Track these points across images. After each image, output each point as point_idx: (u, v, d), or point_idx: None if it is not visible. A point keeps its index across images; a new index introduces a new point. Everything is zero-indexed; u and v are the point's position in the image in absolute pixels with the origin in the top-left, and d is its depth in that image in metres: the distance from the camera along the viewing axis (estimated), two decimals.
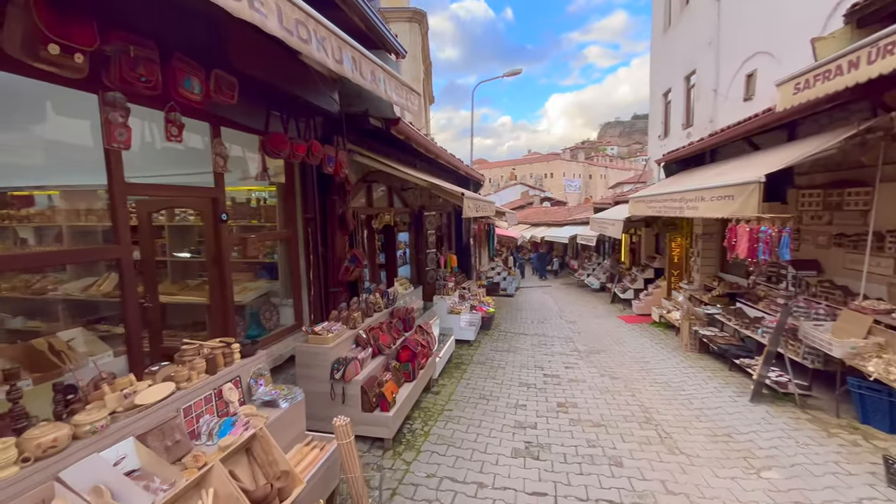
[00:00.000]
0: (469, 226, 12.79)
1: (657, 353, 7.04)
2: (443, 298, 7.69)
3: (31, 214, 4.11)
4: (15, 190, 4.06)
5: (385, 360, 4.07)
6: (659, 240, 13.06)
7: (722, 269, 8.82)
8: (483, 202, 6.72)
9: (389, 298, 4.86)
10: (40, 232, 4.22)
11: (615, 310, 12.15)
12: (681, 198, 6.38)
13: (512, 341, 8.10)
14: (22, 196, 4.07)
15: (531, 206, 40.33)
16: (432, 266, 8.75)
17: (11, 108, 2.69)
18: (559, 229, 22.14)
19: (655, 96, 13.05)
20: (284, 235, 4.52)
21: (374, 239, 6.59)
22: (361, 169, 5.96)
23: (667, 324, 9.19)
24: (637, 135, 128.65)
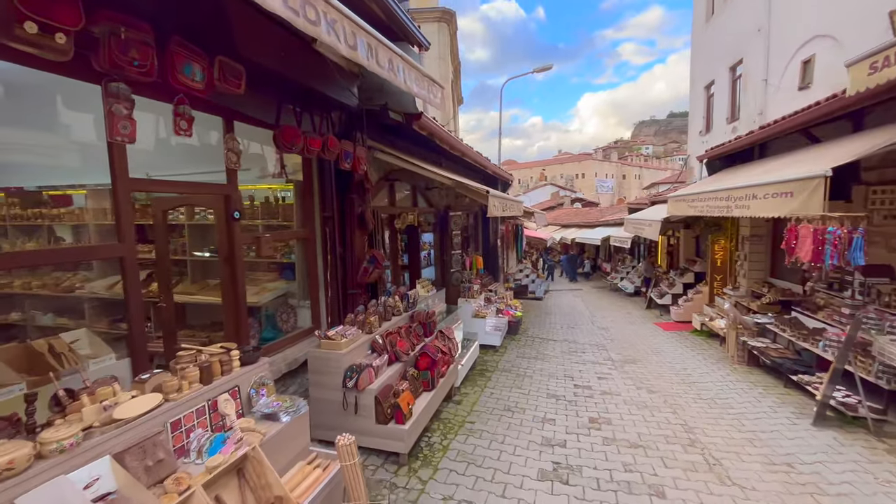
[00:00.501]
0: (496, 226, 12.45)
1: (700, 365, 6.47)
2: (467, 302, 7.40)
3: (40, 213, 4.15)
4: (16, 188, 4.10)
5: (402, 368, 3.82)
6: (699, 242, 12.26)
7: (772, 274, 8.09)
8: (510, 201, 6.40)
9: (409, 301, 4.62)
10: (56, 230, 4.24)
11: (651, 316, 11.48)
12: (728, 196, 5.83)
13: (540, 348, 7.70)
14: (27, 193, 4.11)
15: (561, 207, 39.38)
16: (457, 268, 8.47)
17: (15, 102, 2.63)
18: (591, 231, 21.37)
19: (696, 90, 12.28)
20: (302, 235, 4.37)
21: (396, 239, 6.39)
22: (383, 167, 5.76)
23: (709, 332, 8.52)
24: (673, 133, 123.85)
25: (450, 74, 21.77)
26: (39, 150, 3.25)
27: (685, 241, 12.39)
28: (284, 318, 4.36)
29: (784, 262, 7.82)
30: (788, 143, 6.89)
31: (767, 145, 7.82)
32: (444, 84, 15.25)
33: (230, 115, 3.35)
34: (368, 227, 4.63)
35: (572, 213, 33.60)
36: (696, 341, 8.17)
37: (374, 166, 5.58)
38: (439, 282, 8.57)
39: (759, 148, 7.99)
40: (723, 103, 10.41)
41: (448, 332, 4.76)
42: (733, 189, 5.66)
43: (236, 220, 3.45)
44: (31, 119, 2.91)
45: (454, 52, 22.82)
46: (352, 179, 4.57)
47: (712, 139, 10.70)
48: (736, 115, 9.87)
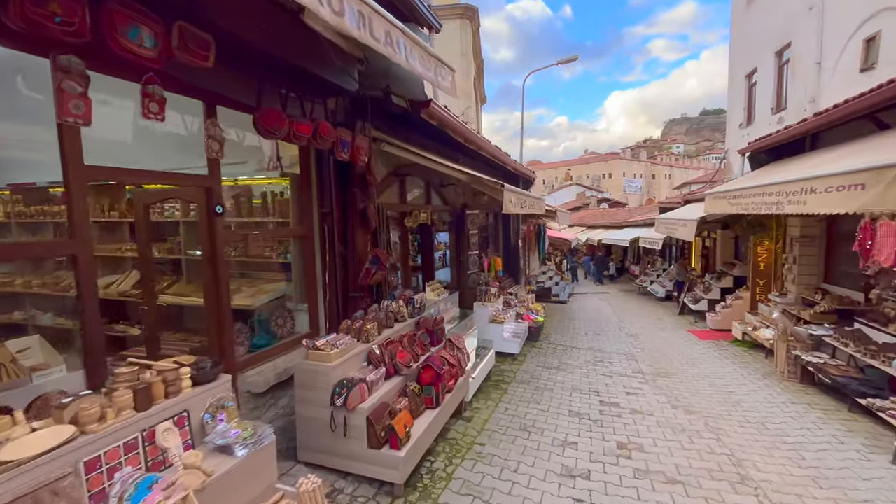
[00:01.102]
0: (517, 227, 11.90)
1: (744, 380, 5.77)
2: (484, 306, 6.92)
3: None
4: None
5: (402, 383, 3.39)
6: (738, 244, 11.36)
7: (826, 280, 7.26)
8: (529, 198, 5.88)
9: (415, 306, 4.19)
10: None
11: (684, 322, 10.68)
12: (779, 191, 5.13)
13: (562, 356, 7.14)
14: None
15: (587, 207, 38.28)
16: (474, 269, 8.00)
17: None
18: (618, 231, 20.45)
19: (736, 79, 11.38)
20: (298, 232, 4.01)
21: (407, 239, 5.99)
22: (392, 161, 5.37)
23: (752, 343, 7.73)
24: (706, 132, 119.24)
25: (472, 72, 21.32)
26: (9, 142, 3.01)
27: (723, 242, 11.50)
28: (280, 322, 4.01)
29: (841, 266, 7.00)
30: (849, 131, 6.09)
31: (820, 136, 7.01)
32: (465, 82, 14.63)
33: (211, 99, 3.01)
34: (371, 224, 4.24)
35: (598, 213, 32.52)
36: (737, 352, 7.41)
37: (381, 160, 5.20)
38: (455, 284, 8.12)
39: (810, 139, 7.19)
40: (767, 92, 9.53)
41: (458, 340, 4.31)
42: (786, 183, 4.97)
43: (219, 216, 3.11)
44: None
45: (477, 50, 22.34)
46: (353, 172, 4.18)
47: (754, 132, 9.83)
48: (782, 105, 8.99)
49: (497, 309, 7.38)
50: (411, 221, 5.95)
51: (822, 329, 5.58)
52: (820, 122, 6.09)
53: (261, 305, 4.01)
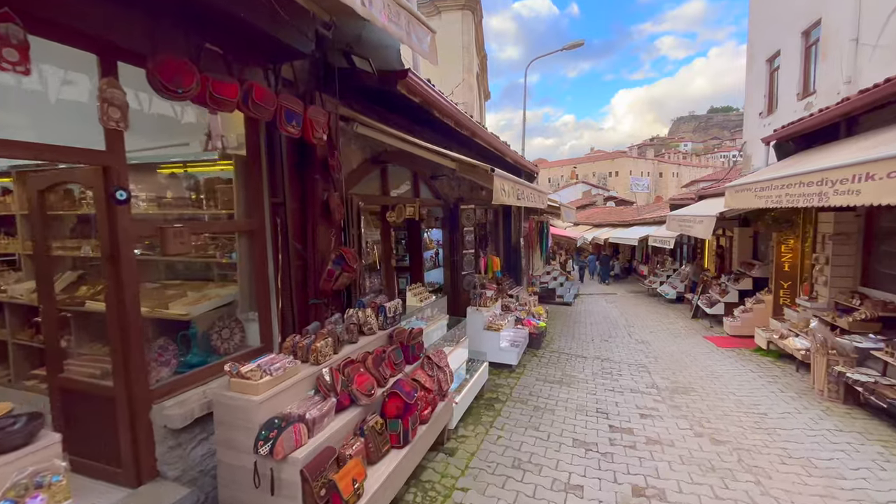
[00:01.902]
0: (519, 224, 11.16)
1: (776, 399, 5.00)
2: (478, 311, 6.19)
3: None
4: None
5: (360, 416, 2.68)
6: (757, 242, 10.53)
7: (864, 283, 6.45)
8: (528, 189, 5.15)
9: (387, 316, 3.48)
10: None
11: (699, 327, 9.89)
12: (822, 179, 4.36)
13: (566, 367, 6.40)
14: None
15: (594, 205, 37.45)
16: (469, 270, 7.28)
17: None
18: (626, 230, 19.62)
19: (756, 65, 10.55)
20: (244, 227, 3.31)
21: (389, 236, 5.28)
22: (371, 146, 4.68)
23: (778, 353, 6.95)
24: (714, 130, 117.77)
25: (475, 66, 20.59)
26: None
27: (740, 240, 10.67)
28: (226, 335, 3.32)
29: (882, 267, 6.19)
30: (893, 113, 5.32)
31: (859, 121, 6.21)
32: (468, 76, 13.74)
33: (108, 52, 2.32)
34: (335, 217, 3.53)
35: (605, 211, 31.68)
36: (762, 364, 6.62)
37: (355, 144, 4.51)
38: (448, 286, 7.40)
39: (845, 125, 6.39)
40: (792, 76, 8.71)
41: (439, 357, 3.59)
42: (831, 170, 4.20)
43: (121, 203, 2.41)
44: None
45: (479, 43, 21.59)
46: (313, 156, 3.48)
47: (777, 120, 9.02)
48: (810, 89, 8.18)
49: (494, 314, 6.65)
50: (395, 216, 5.24)
51: (869, 341, 4.80)
52: (866, 100, 5.31)
53: (201, 315, 3.32)
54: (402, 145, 4.36)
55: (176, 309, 3.27)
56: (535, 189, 5.70)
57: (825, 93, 7.35)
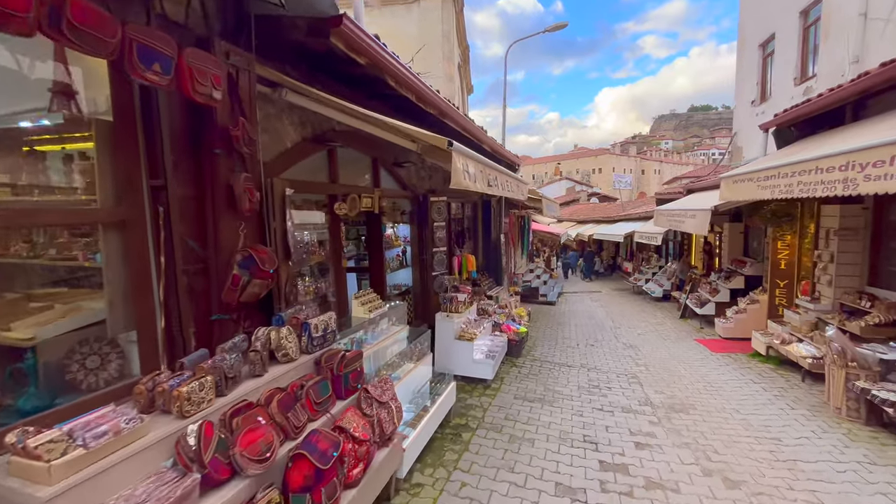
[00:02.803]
0: (500, 220, 10.39)
1: (788, 419, 4.34)
2: (448, 318, 5.39)
3: None
4: None
5: (247, 493, 1.85)
6: (748, 238, 10.00)
7: (871, 282, 5.88)
8: (503, 175, 4.36)
9: (312, 336, 2.63)
10: None
11: (688, 328, 9.31)
12: (848, 163, 3.69)
13: (548, 380, 5.65)
14: None
15: (577, 202, 37.14)
16: (441, 270, 6.47)
17: None
18: (610, 226, 19.13)
19: (747, 52, 9.99)
20: (111, 217, 2.42)
21: (338, 232, 4.42)
22: (314, 123, 3.83)
23: (779, 359, 6.35)
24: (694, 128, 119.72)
25: (456, 57, 19.73)
26: None
27: (730, 236, 10.12)
28: (93, 364, 2.43)
29: (892, 266, 5.62)
30: None
31: (867, 104, 5.63)
32: (450, 62, 12.65)
33: None
34: (243, 206, 2.67)
35: (589, 208, 31.32)
36: (763, 372, 6.00)
37: (291, 118, 3.65)
38: (417, 289, 6.58)
39: (853, 107, 5.79)
40: (788, 60, 8.13)
41: (382, 388, 2.76)
42: (862, 150, 3.52)
43: None
44: None
45: (461, 34, 20.72)
46: (212, 125, 2.61)
47: (771, 108, 8.45)
48: (809, 72, 7.60)
49: (467, 321, 5.86)
50: (346, 209, 4.39)
51: (894, 351, 4.16)
52: (881, 77, 4.67)
53: (51, 339, 2.42)
54: (345, 118, 3.52)
55: (18, 332, 2.37)
56: (511, 176, 4.91)
57: (827, 75, 6.76)
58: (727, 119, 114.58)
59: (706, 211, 7.20)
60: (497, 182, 3.97)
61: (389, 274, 6.02)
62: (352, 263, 5.91)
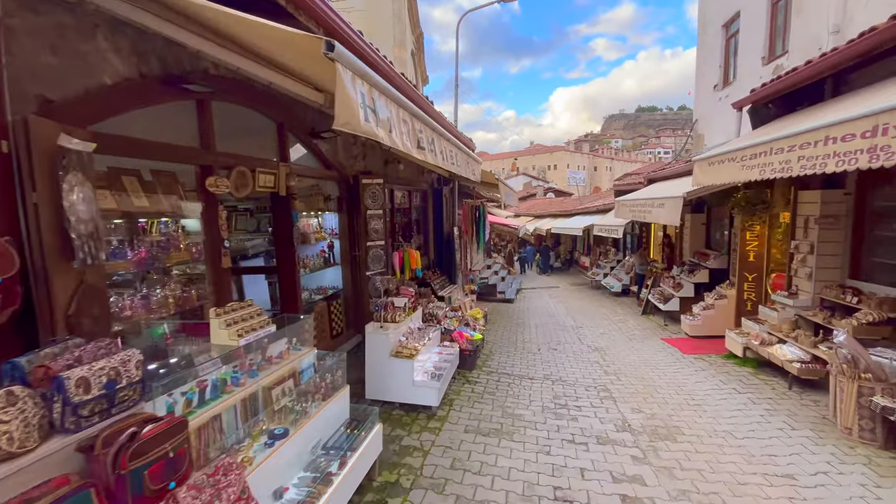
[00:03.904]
0: (453, 210, 9.33)
1: (791, 443, 3.58)
2: (382, 329, 4.23)
3: None
4: None
5: None
6: (710, 230, 9.57)
7: (853, 275, 5.36)
8: (442, 138, 3.26)
9: (71, 402, 1.41)
10: None
11: (652, 326, 8.73)
12: (876, 126, 2.90)
13: (507, 399, 4.66)
14: None
15: (534, 197, 37.09)
16: (378, 268, 5.29)
17: None
18: (567, 220, 18.68)
19: (709, 33, 9.52)
20: None
21: (215, 217, 3.12)
22: (162, 56, 2.56)
23: (756, 360, 5.75)
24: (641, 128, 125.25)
25: (409, 42, 18.39)
26: None
27: (693, 228, 9.65)
28: None
29: (877, 256, 5.10)
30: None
31: (849, 77, 5.08)
32: (401, 48, 10.89)
33: None
34: None
35: (546, 202, 31.18)
36: (745, 378, 5.34)
37: (116, 41, 2.36)
38: (349, 293, 5.37)
39: (833, 81, 5.24)
40: (756, 39, 7.62)
41: (212, 492, 1.58)
42: (880, 113, 2.73)
43: None
44: None
45: (414, 18, 19.39)
46: None
47: (736, 91, 7.95)
48: (778, 50, 7.09)
49: (409, 331, 4.73)
50: (224, 186, 3.11)
51: None
52: (870, 43, 4.03)
53: None
54: (187, 38, 2.26)
55: None
56: (457, 146, 3.82)
57: (801, 50, 6.23)
58: (671, 120, 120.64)
59: (677, 199, 6.50)
60: (435, 147, 2.86)
61: (309, 275, 4.78)
62: (253, 263, 4.60)
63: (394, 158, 6.36)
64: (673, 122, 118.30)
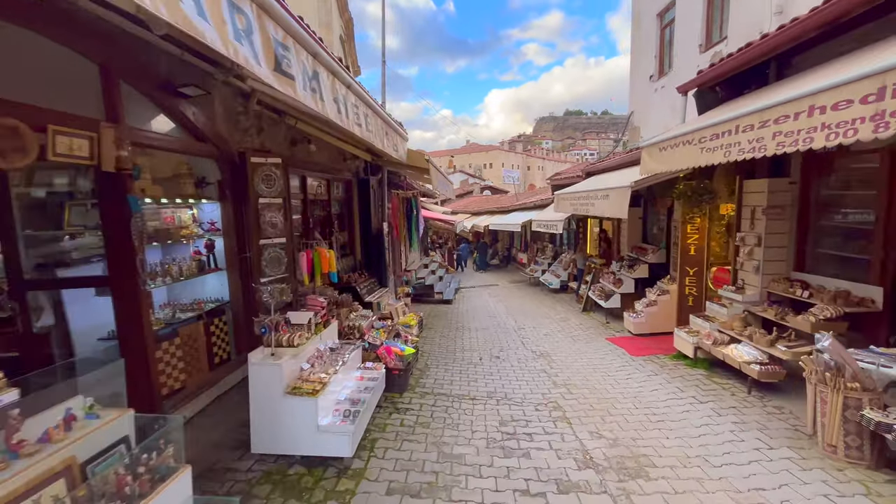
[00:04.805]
0: (382, 204, 8.25)
1: (777, 469, 3.04)
2: (273, 359, 3.09)
3: None
4: None
5: None
6: (647, 224, 9.45)
7: (798, 267, 5.15)
8: (353, 92, 2.25)
9: None
10: None
11: (594, 324, 8.36)
12: (879, 89, 2.37)
13: (445, 433, 3.74)
14: None
15: (471, 194, 36.97)
16: (276, 273, 4.09)
17: None
18: (505, 216, 18.34)
19: (643, 24, 9.35)
20: None
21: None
22: None
23: (708, 361, 5.39)
24: (569, 130, 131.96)
25: (337, 27, 16.79)
26: None
27: (630, 222, 9.46)
28: None
29: (823, 248, 4.82)
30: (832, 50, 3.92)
31: (792, 62, 4.84)
32: (327, 30, 9.23)
33: None
34: None
35: (483, 199, 31.00)
36: (701, 383, 4.91)
37: None
38: (238, 307, 4.12)
39: (776, 64, 5.00)
40: (692, 27, 7.43)
41: None
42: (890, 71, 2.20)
43: None
44: None
45: (342, 2, 17.79)
46: None
47: (672, 81, 7.74)
48: (716, 36, 6.91)
49: (317, 354, 3.62)
50: None
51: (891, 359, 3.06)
52: (818, 20, 3.67)
53: None
54: None
55: None
56: (376, 112, 2.79)
57: (741, 36, 6.02)
58: (595, 124, 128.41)
59: (624, 189, 6.02)
60: (346, 106, 1.83)
61: (176, 284, 3.49)
62: (86, 272, 3.23)
63: (303, 137, 5.17)
64: (597, 126, 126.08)
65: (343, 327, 4.74)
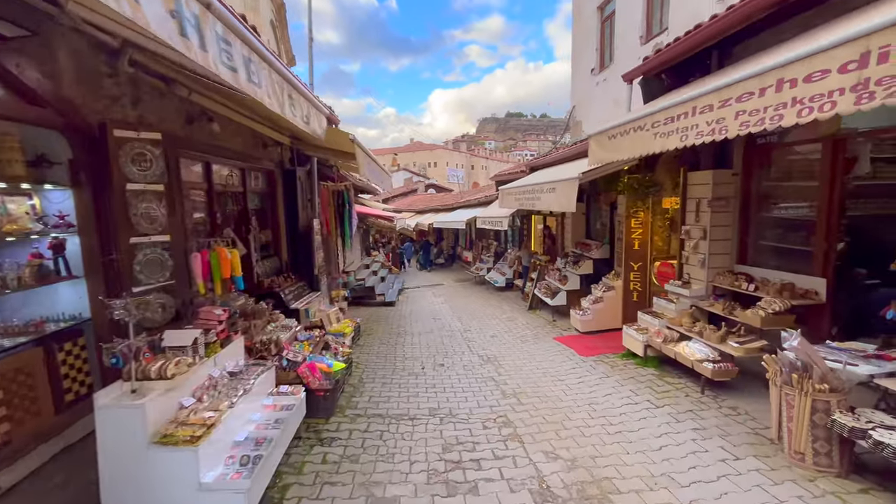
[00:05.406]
0: (312, 198, 7.36)
1: (748, 484, 2.74)
2: (135, 398, 2.26)
3: None
4: None
5: None
6: (590, 219, 9.37)
7: (741, 260, 5.10)
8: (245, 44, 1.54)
9: None
10: None
11: (541, 323, 8.08)
12: (862, 56, 2.08)
13: (377, 468, 3.10)
14: None
15: (415, 192, 36.35)
16: (157, 279, 3.18)
17: None
18: (449, 214, 17.91)
19: (584, 17, 9.24)
20: None
21: None
22: None
23: (658, 359, 5.21)
24: (510, 131, 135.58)
25: (266, 9, 15.30)
26: None
27: (574, 217, 9.33)
28: None
29: (764, 240, 4.67)
30: (782, 31, 3.83)
31: (731, 50, 4.76)
32: (254, 13, 8.07)
33: None
34: None
35: (427, 198, 30.51)
36: (653, 383, 4.67)
37: None
38: (105, 325, 3.17)
39: (717, 53, 4.91)
40: (632, 18, 7.35)
41: None
42: (875, 33, 1.91)
43: None
44: None
45: None
46: None
47: (615, 73, 7.63)
48: (657, 27, 6.84)
49: (208, 382, 2.81)
50: None
51: (870, 364, 2.87)
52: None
53: None
54: None
55: None
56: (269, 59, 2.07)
57: (682, 26, 5.93)
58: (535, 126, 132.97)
59: (571, 181, 5.69)
60: (251, 66, 1.12)
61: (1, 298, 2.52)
62: None
63: (202, 113, 4.24)
64: (536, 128, 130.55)
65: (254, 343, 3.91)
